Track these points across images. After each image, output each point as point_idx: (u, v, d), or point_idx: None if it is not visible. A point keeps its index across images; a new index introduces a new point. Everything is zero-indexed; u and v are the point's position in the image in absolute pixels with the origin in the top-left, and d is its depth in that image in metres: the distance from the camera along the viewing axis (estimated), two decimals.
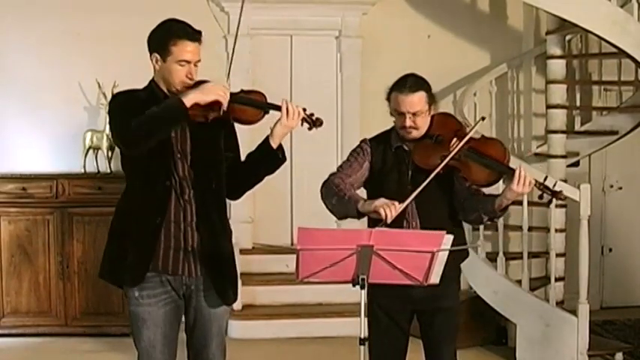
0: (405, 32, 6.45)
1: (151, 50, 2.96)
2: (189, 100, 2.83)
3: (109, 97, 5.79)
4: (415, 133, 3.20)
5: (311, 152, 6.05)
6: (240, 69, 5.77)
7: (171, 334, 3.01)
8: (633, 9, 5.40)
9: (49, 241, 5.65)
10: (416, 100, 3.16)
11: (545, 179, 3.11)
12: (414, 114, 3.15)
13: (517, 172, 3.03)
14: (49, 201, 5.66)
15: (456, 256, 3.17)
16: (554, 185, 3.09)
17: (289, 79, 6.42)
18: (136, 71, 5.73)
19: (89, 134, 5.90)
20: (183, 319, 3.10)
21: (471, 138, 3.16)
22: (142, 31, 6.06)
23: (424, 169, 3.15)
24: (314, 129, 3.06)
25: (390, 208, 3.01)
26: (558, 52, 5.88)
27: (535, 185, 3.04)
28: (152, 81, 3.02)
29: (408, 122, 3.16)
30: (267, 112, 3.03)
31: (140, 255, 2.93)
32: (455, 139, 3.15)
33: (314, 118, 3.05)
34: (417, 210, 3.20)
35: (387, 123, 3.47)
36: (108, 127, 5.81)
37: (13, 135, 6.06)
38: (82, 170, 5.90)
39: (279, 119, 3.00)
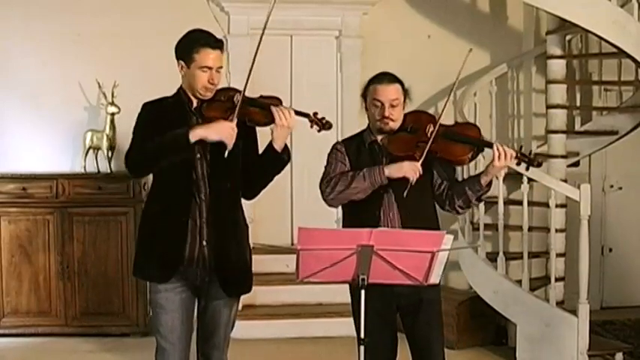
0: (405, 32, 6.45)
1: (177, 58, 3.14)
2: (195, 135, 3.01)
3: (109, 97, 5.80)
4: (392, 125, 3.34)
5: (311, 152, 6.03)
6: (239, 69, 5.77)
7: (187, 320, 3.21)
8: (633, 9, 5.39)
9: (49, 241, 5.65)
10: (394, 90, 3.34)
11: (520, 148, 3.28)
12: (391, 105, 3.31)
13: (495, 147, 3.19)
14: (49, 201, 5.66)
15: None
16: (530, 153, 3.25)
17: (289, 79, 6.42)
18: (136, 71, 5.79)
19: (89, 134, 5.90)
20: None
21: (445, 125, 3.31)
22: (141, 31, 6.08)
23: (400, 159, 3.27)
24: (315, 127, 3.18)
25: (416, 173, 3.19)
26: (558, 52, 5.87)
27: (515, 157, 3.20)
28: (180, 87, 3.19)
29: (388, 111, 3.31)
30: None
31: (168, 254, 3.12)
32: (429, 125, 3.29)
33: (313, 114, 3.17)
34: (396, 202, 3.29)
35: None
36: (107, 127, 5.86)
37: (13, 135, 6.06)
38: (82, 170, 5.90)
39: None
